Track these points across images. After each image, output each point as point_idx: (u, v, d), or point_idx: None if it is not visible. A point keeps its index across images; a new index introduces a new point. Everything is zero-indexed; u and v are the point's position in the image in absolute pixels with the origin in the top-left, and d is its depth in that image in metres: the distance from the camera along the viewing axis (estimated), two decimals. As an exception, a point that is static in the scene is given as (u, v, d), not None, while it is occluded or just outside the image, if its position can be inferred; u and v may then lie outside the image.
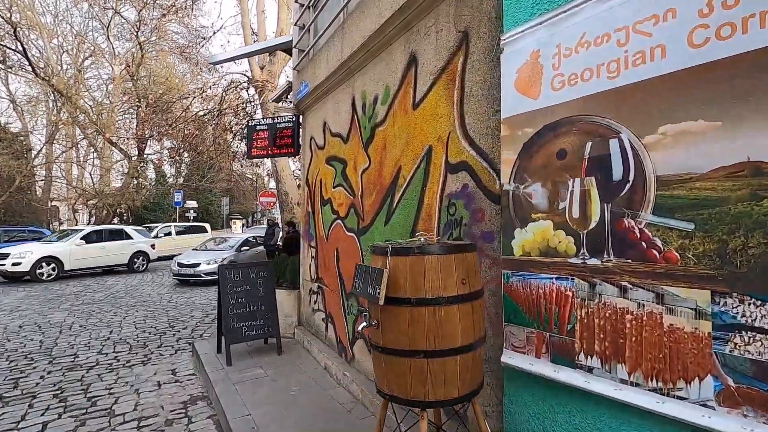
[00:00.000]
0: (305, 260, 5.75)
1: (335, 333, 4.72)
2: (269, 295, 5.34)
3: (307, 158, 5.73)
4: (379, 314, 1.86)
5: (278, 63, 14.07)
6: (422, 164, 3.14)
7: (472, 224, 2.59)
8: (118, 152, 29.52)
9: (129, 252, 15.81)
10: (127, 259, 15.72)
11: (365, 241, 4.02)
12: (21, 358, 6.36)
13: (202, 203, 30.60)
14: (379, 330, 1.85)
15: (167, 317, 8.77)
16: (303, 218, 5.83)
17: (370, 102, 3.97)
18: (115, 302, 10.37)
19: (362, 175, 4.11)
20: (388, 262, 1.80)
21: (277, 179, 14.46)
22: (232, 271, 5.21)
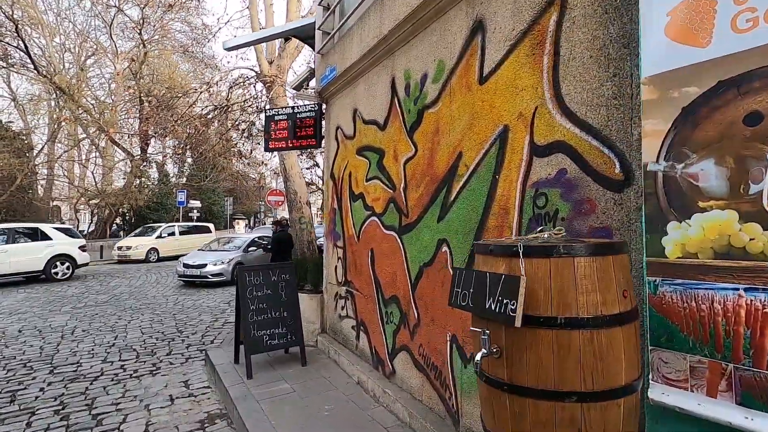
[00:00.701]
0: (329, 261, 5.22)
1: (369, 343, 4.19)
2: (292, 300, 4.81)
3: (331, 150, 5.21)
4: (503, 339, 1.33)
5: (287, 57, 13.55)
6: (493, 149, 2.62)
7: (574, 218, 2.07)
8: (120, 151, 29.00)
9: (45, 256, 13.08)
10: (42, 264, 12.99)
11: (410, 240, 3.50)
12: (19, 367, 5.83)
13: (205, 203, 30.08)
14: (503, 360, 1.33)
15: (174, 321, 8.24)
16: (327, 216, 5.31)
17: (416, 82, 3.44)
18: (119, 305, 9.83)
19: (405, 165, 3.59)
20: (522, 267, 1.28)
21: (286, 177, 13.92)
22: (252, 273, 4.68)
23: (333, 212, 5.10)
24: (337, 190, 4.99)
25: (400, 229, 3.66)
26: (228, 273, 12.53)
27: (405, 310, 3.55)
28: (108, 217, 27.48)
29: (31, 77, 27.31)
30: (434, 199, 3.19)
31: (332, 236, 5.13)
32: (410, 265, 3.48)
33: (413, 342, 3.42)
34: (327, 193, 5.31)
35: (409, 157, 3.53)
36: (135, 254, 18.53)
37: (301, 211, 14.18)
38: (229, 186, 36.66)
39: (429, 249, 3.23)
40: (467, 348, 2.79)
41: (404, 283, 3.57)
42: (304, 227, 14.25)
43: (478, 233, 2.70)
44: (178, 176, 32.38)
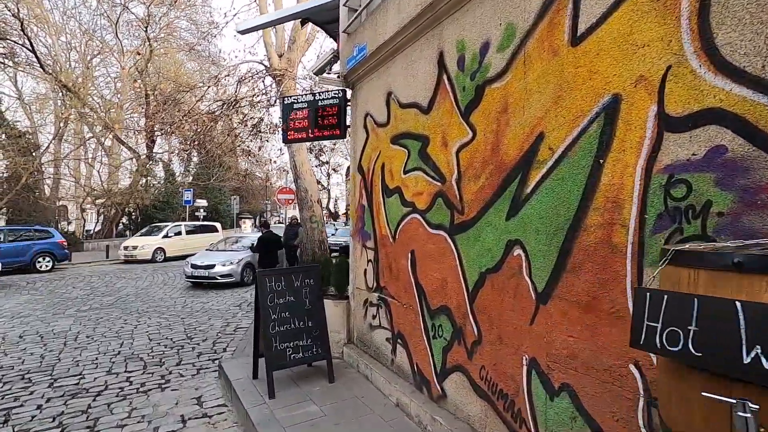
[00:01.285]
0: (357, 264, 4.66)
1: (409, 359, 3.63)
2: (318, 308, 4.25)
3: (359, 140, 4.64)
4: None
5: (297, 50, 13.00)
6: (594, 126, 2.05)
7: (743, 214, 1.50)
8: (126, 151, 28.58)
9: None
10: None
11: (466, 241, 2.93)
12: (17, 379, 5.30)
13: (211, 202, 29.60)
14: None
15: (183, 326, 7.71)
16: (354, 214, 4.74)
17: (474, 53, 2.87)
18: (125, 307, 9.31)
19: (459, 152, 3.02)
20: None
21: (296, 175, 13.38)
22: (273, 278, 4.12)
23: (361, 209, 4.54)
24: (367, 185, 4.42)
25: (451, 228, 3.09)
26: (237, 274, 12.01)
27: (459, 323, 2.99)
28: (114, 216, 27.06)
29: (37, 76, 26.93)
30: (501, 191, 2.62)
31: (360, 236, 4.57)
32: (467, 271, 2.91)
33: (472, 362, 2.86)
34: (354, 188, 4.75)
35: (465, 142, 2.96)
36: (141, 254, 18.05)
37: (312, 210, 13.63)
38: (235, 185, 36.24)
39: (494, 252, 2.67)
40: (554, 377, 2.22)
41: (458, 291, 3.00)
42: (315, 226, 13.69)
43: (572, 233, 2.13)
44: (184, 175, 31.94)
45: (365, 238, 4.47)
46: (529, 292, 2.39)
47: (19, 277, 14.24)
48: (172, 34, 30.10)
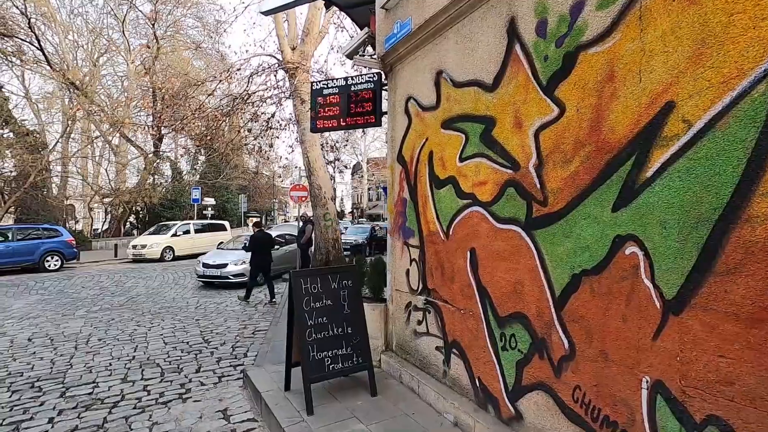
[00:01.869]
0: (397, 264, 4.20)
1: (469, 372, 3.17)
2: (357, 312, 3.80)
3: (398, 128, 4.18)
4: None
5: (311, 43, 12.54)
6: (761, 86, 1.58)
7: None
8: (134, 149, 28.25)
9: None
10: None
11: (550, 237, 2.46)
12: (26, 388, 4.88)
13: (218, 201, 29.22)
14: None
15: (199, 328, 7.28)
16: (392, 209, 4.28)
17: (562, 14, 2.40)
18: (136, 308, 8.89)
19: (539, 133, 2.56)
20: None
21: (309, 171, 12.94)
22: (309, 279, 3.66)
23: (402, 203, 4.08)
24: (409, 176, 3.96)
25: (528, 222, 2.63)
26: (249, 273, 11.58)
27: (541, 334, 2.52)
28: (122, 215, 26.73)
29: (45, 74, 26.62)
30: (604, 177, 2.16)
31: (401, 233, 4.11)
32: (552, 273, 2.45)
33: (560, 380, 2.40)
34: (392, 181, 4.28)
35: (548, 121, 2.49)
36: (150, 253, 17.68)
37: (326, 207, 13.18)
38: (243, 183, 35.90)
39: (594, 250, 2.20)
40: (695, 406, 1.76)
41: (539, 296, 2.54)
42: (329, 224, 13.24)
43: (724, 225, 1.67)
44: (192, 174, 31.58)
45: (407, 235, 4.01)
46: (651, 299, 1.93)
47: (27, 276, 13.87)
48: (179, 32, 29.76)
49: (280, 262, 12.96)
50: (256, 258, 9.43)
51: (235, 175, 34.16)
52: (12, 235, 14.82)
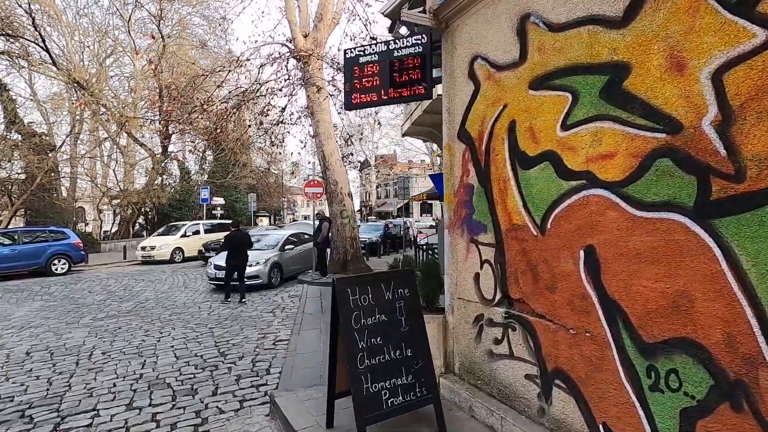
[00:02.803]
0: (459, 266, 3.35)
1: (587, 415, 2.31)
2: (417, 329, 2.95)
3: (460, 96, 3.33)
4: None
5: (324, 29, 11.69)
6: None
7: None
8: (142, 150, 27.60)
9: None
10: None
11: (757, 231, 1.61)
12: (15, 417, 4.09)
13: (227, 200, 28.50)
14: None
15: (213, 338, 6.47)
16: (451, 199, 3.42)
17: None
18: (145, 315, 8.11)
19: (724, 74, 1.70)
20: None
21: (324, 166, 12.11)
22: (358, 289, 2.82)
23: (466, 191, 3.22)
24: (477, 157, 3.11)
25: (702, 206, 1.77)
26: (264, 275, 10.78)
27: (735, 373, 1.67)
28: (131, 216, 26.09)
29: (51, 75, 26.03)
30: None
31: (466, 228, 3.25)
32: (757, 282, 1.59)
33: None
34: (450, 163, 3.43)
35: (744, 52, 1.63)
36: (159, 254, 16.96)
37: (343, 204, 12.33)
38: (251, 182, 35.22)
39: None
40: None
41: (728, 317, 1.68)
42: (347, 221, 12.39)
43: None
44: (200, 173, 30.91)
45: (475, 230, 3.16)
46: None
47: (33, 280, 13.17)
48: (185, 30, 29.05)
49: (295, 262, 12.18)
50: (232, 257, 9.21)
51: (243, 175, 33.48)
52: (18, 238, 14.15)
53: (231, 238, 9.41)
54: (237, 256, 9.21)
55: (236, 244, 9.24)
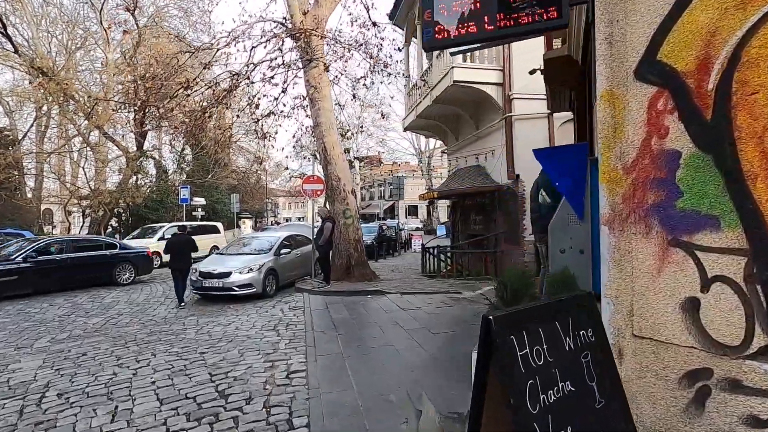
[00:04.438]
0: (638, 284, 2.05)
1: None
2: (616, 404, 1.63)
3: (646, 4, 2.03)
4: None
5: (326, 5, 10.28)
6: None
7: None
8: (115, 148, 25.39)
9: None
10: None
11: None
12: None
13: (208, 201, 26.57)
14: None
15: (206, 368, 4.99)
16: (616, 175, 2.11)
17: None
18: (117, 335, 6.52)
19: None
20: None
21: (326, 160, 10.68)
22: (526, 334, 1.48)
23: (663, 162, 1.93)
24: (694, 104, 1.83)
25: None
26: (258, 283, 9.27)
27: None
28: (102, 218, 23.85)
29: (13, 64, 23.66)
30: None
31: (659, 222, 1.96)
32: None
33: None
34: (614, 122, 2.14)
35: None
36: (134, 259, 15.07)
37: (346, 202, 10.86)
38: (233, 182, 33.28)
39: None
40: None
41: None
42: (350, 222, 10.94)
43: None
44: (178, 173, 28.84)
45: (687, 226, 1.86)
46: None
47: (-17, 291, 11.21)
48: (162, 21, 27.05)
49: (291, 268, 10.69)
50: (175, 261, 8.96)
51: (225, 175, 31.56)
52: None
53: (174, 243, 9.25)
54: (180, 260, 8.94)
55: (179, 248, 9.03)
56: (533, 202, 5.04)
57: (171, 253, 9.12)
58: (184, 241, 9.32)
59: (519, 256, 9.93)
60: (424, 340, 5.69)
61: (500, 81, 10.05)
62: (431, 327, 6.33)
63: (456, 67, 9.81)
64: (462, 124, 12.55)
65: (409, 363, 4.85)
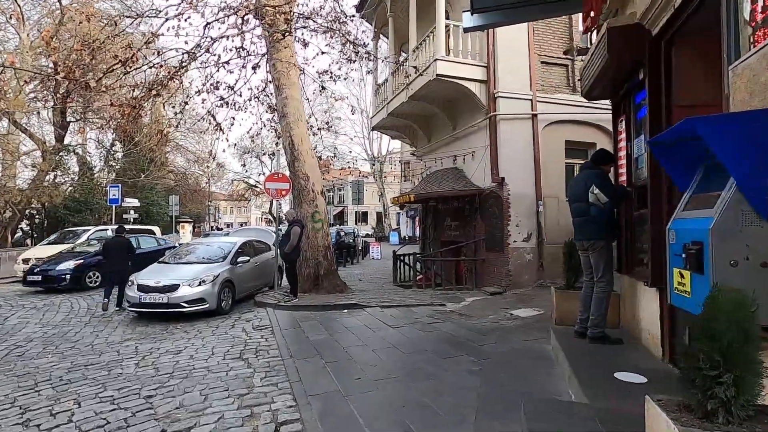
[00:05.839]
0: None
1: None
2: None
3: None
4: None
5: (297, -18, 9.04)
6: None
7: None
8: (28, 140, 21.86)
9: None
10: None
11: None
12: None
13: (142, 203, 23.75)
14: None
15: (158, 424, 3.60)
16: None
17: None
18: (24, 371, 4.84)
19: None
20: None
21: (293, 156, 9.37)
22: None
23: None
24: None
25: None
26: (212, 297, 7.78)
27: None
28: (10, 220, 20.34)
29: None
30: None
31: None
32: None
33: None
34: None
35: None
36: (50, 269, 12.62)
37: (315, 204, 9.53)
38: (171, 184, 30.36)
39: None
40: None
41: None
42: (319, 227, 9.62)
43: None
44: (107, 171, 25.62)
45: None
46: None
47: None
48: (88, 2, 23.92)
49: (250, 278, 9.24)
50: (110, 264, 8.63)
51: (162, 175, 28.64)
52: None
53: (109, 245, 8.79)
54: (117, 264, 8.53)
55: (114, 250, 8.62)
56: (578, 202, 4.23)
57: (106, 255, 8.65)
58: (120, 243, 8.74)
59: (503, 264, 9.25)
60: (436, 368, 4.66)
61: (484, 78, 9.39)
62: (434, 350, 5.33)
63: (440, 59, 9.00)
64: (436, 125, 11.79)
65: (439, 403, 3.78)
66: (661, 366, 3.41)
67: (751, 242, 1.95)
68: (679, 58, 3.32)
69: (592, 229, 4.05)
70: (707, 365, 1.52)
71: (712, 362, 1.51)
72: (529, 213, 9.23)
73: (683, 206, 2.52)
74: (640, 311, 3.98)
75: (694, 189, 2.48)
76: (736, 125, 1.89)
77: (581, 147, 10.00)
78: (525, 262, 9.19)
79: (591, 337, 4.03)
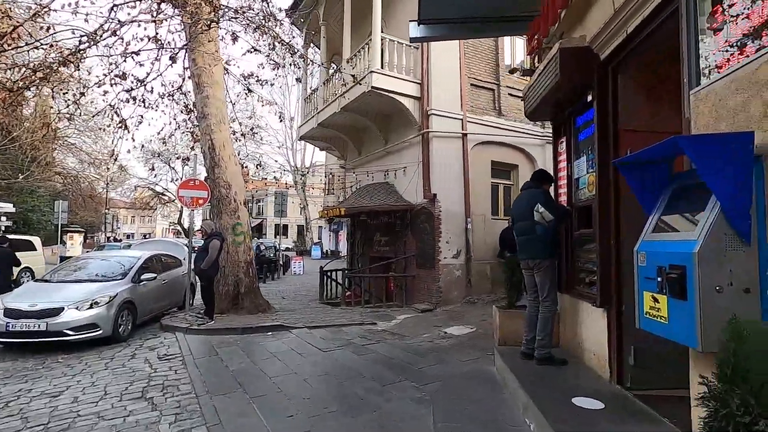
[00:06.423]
0: None
1: None
2: None
3: None
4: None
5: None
6: None
7: None
8: None
9: None
10: None
11: None
12: None
13: (18, 208, 20.21)
14: None
15: (23, 499, 2.69)
16: None
17: None
18: None
19: None
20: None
21: (213, 162, 8.45)
22: None
23: None
24: None
25: None
26: (108, 322, 6.58)
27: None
28: None
29: None
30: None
31: None
32: None
33: None
34: None
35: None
36: None
37: (237, 215, 8.67)
38: (58, 188, 26.45)
39: None
40: None
41: None
42: (241, 240, 8.77)
43: None
44: (-28, 169, 21.46)
45: None
46: None
47: None
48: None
49: (156, 299, 8.08)
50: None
51: (46, 177, 24.80)
52: None
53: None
54: None
55: None
56: (522, 221, 4.16)
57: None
58: (4, 254, 8.42)
59: (433, 281, 9.18)
60: (378, 397, 4.25)
61: (418, 95, 9.39)
62: (372, 376, 4.91)
63: (375, 72, 8.81)
64: (368, 138, 11.57)
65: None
66: (610, 388, 3.38)
67: (734, 267, 1.88)
68: (627, 82, 3.41)
69: (537, 248, 4.01)
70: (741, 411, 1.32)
71: (746, 406, 1.32)
72: (459, 230, 9.31)
73: (651, 228, 2.45)
74: (584, 331, 3.98)
75: (662, 211, 2.43)
76: (724, 145, 1.81)
77: (506, 168, 10.43)
78: (454, 279, 9.21)
79: (539, 359, 3.94)
